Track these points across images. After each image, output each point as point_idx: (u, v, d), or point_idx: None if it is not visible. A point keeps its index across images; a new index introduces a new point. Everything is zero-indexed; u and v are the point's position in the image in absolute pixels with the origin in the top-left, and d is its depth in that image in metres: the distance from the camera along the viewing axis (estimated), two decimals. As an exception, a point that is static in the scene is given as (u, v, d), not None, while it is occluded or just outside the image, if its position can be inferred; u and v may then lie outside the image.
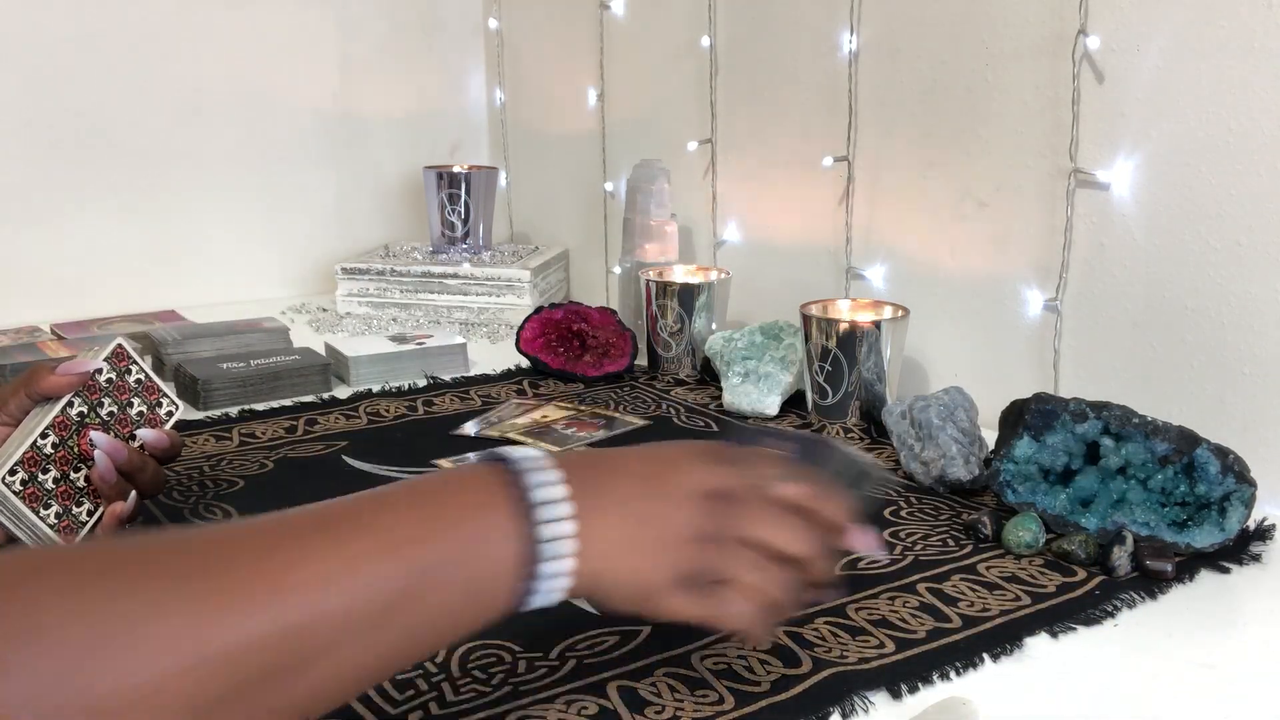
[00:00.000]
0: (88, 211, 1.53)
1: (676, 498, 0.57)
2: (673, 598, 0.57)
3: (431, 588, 0.50)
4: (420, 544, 0.50)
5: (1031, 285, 1.07)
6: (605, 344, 1.26)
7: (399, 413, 1.14)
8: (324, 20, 1.68)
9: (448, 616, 0.51)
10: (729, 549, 0.58)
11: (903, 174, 1.18)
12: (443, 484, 0.54)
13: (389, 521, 0.50)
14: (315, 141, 1.70)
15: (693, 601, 0.57)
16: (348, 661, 0.47)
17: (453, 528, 0.51)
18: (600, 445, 1.05)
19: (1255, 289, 0.90)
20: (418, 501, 0.52)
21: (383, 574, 0.48)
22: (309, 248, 1.72)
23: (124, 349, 0.87)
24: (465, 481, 0.54)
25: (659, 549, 0.56)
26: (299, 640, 0.45)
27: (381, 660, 0.49)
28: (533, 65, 1.73)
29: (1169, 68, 0.94)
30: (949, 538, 0.84)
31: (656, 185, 1.37)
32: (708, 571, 0.57)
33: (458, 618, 0.52)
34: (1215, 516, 0.80)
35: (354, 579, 0.47)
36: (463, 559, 0.51)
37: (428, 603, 0.50)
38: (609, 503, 0.55)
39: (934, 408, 0.94)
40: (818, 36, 1.24)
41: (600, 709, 0.62)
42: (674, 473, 0.58)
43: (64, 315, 1.48)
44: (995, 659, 0.68)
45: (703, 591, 0.57)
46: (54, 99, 1.49)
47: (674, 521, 0.57)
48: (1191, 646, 0.70)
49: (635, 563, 0.55)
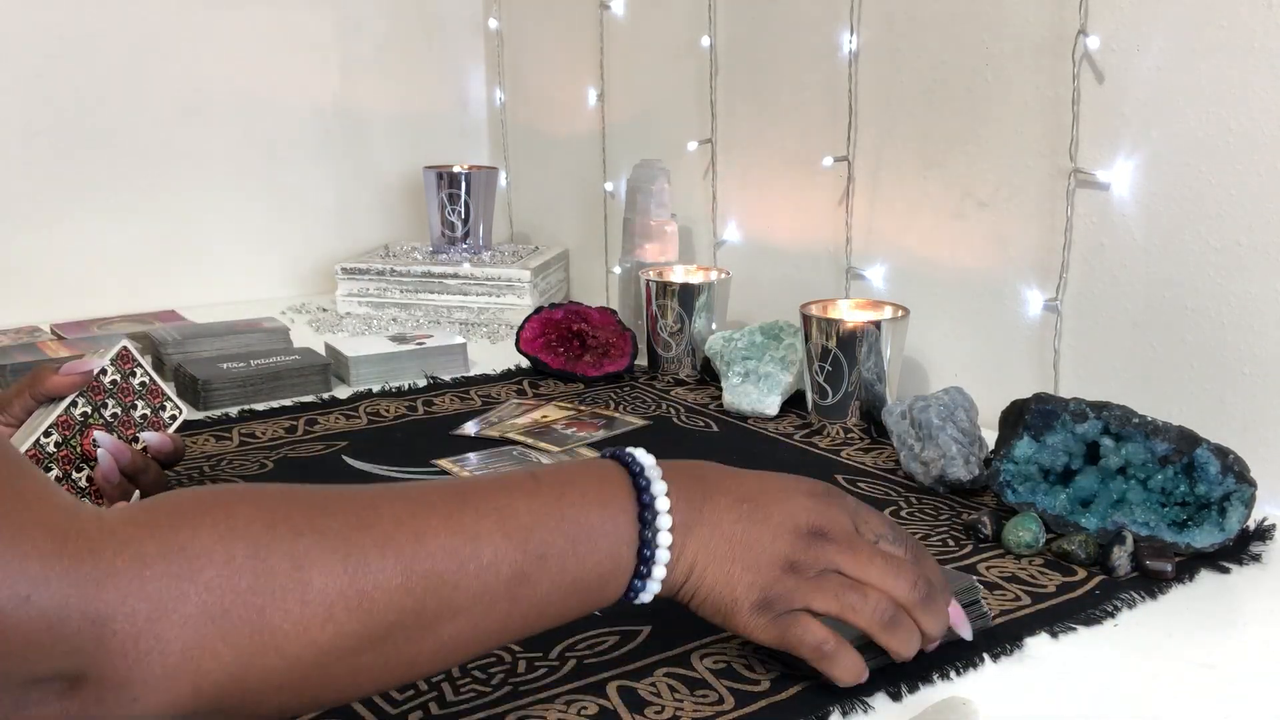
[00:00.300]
0: (88, 211, 1.53)
1: (771, 525, 0.61)
2: (753, 617, 0.61)
3: (547, 573, 0.55)
4: (541, 531, 0.55)
5: (1031, 285, 1.07)
6: (605, 344, 1.26)
7: (399, 413, 1.14)
8: (324, 20, 1.68)
9: (556, 602, 0.56)
10: (814, 579, 0.61)
11: (903, 174, 1.18)
12: (570, 476, 0.59)
13: (518, 507, 0.55)
14: (315, 141, 1.70)
15: (771, 624, 0.61)
16: (468, 626, 0.53)
17: (572, 522, 0.56)
18: (600, 445, 1.05)
19: (1255, 289, 0.90)
20: (544, 490, 0.57)
21: (503, 555, 0.54)
22: (309, 248, 1.72)
23: (129, 351, 0.87)
24: (591, 475, 0.59)
25: (745, 570, 0.60)
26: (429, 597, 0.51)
27: (495, 632, 0.55)
28: (533, 65, 1.73)
29: (1169, 68, 0.94)
30: (949, 538, 0.84)
31: (656, 185, 1.37)
32: (791, 597, 0.61)
33: (565, 604, 0.57)
34: (1215, 516, 0.80)
35: (477, 556, 0.53)
36: (577, 551, 0.56)
37: (541, 586, 0.55)
38: (704, 519, 0.60)
39: (934, 408, 0.94)
40: (818, 36, 1.24)
41: (600, 709, 0.62)
42: (775, 503, 0.62)
43: (64, 315, 1.48)
44: (995, 659, 0.68)
45: (785, 617, 0.61)
46: (54, 99, 1.49)
47: (765, 547, 0.61)
48: (1191, 646, 0.70)
49: (721, 580, 0.60)
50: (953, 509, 0.90)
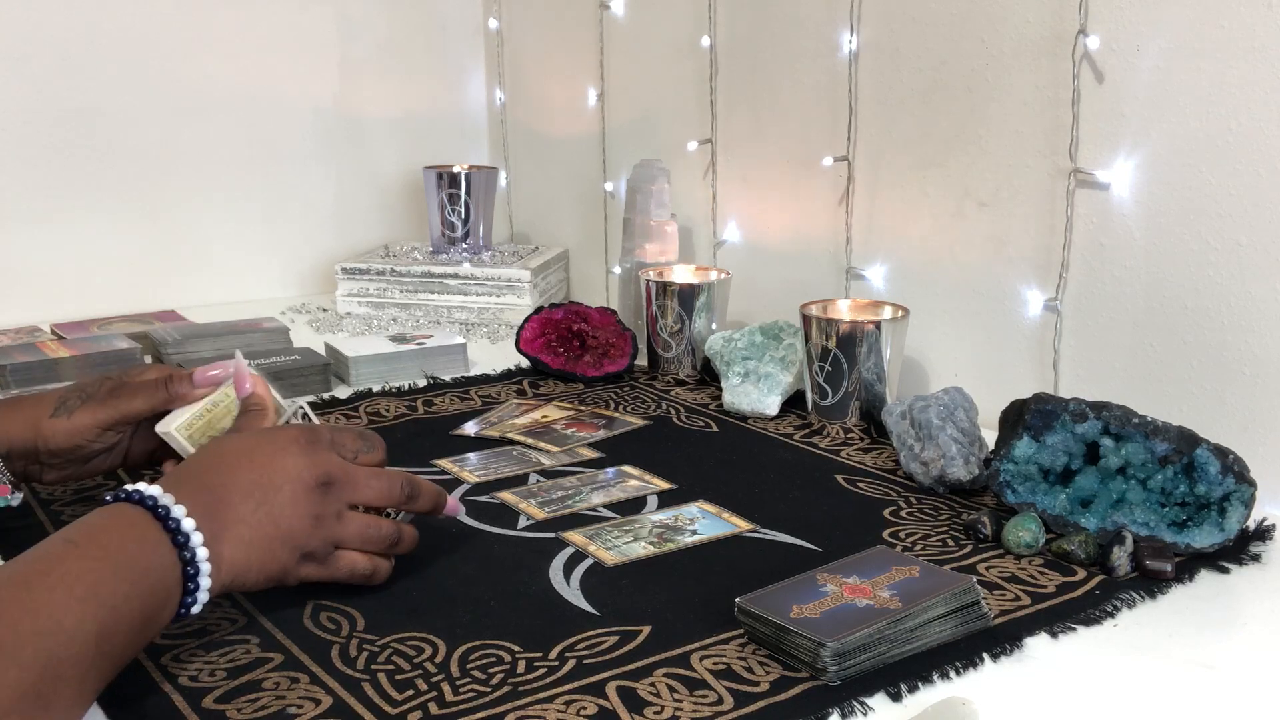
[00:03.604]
0: (88, 211, 1.53)
1: (285, 497, 0.70)
2: (303, 570, 0.71)
3: (121, 620, 0.60)
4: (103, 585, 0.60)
5: (1031, 285, 1.07)
6: (605, 344, 1.26)
7: (399, 413, 1.14)
8: (324, 20, 1.68)
9: (134, 643, 0.62)
10: (338, 520, 0.72)
11: (903, 174, 1.18)
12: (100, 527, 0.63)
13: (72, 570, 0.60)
14: (315, 142, 1.70)
15: (318, 568, 0.72)
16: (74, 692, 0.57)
17: (125, 567, 0.61)
18: (600, 445, 1.05)
19: (1255, 289, 0.90)
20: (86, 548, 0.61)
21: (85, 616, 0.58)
22: (309, 248, 1.72)
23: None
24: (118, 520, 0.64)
25: (280, 543, 0.69)
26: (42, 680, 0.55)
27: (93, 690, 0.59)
28: (533, 65, 1.73)
29: (1169, 68, 0.94)
30: (949, 538, 0.84)
31: (656, 185, 1.37)
32: (326, 543, 0.72)
33: (139, 641, 0.62)
34: (1215, 516, 0.80)
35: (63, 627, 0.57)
36: (138, 592, 0.61)
37: (120, 633, 0.60)
38: (228, 522, 0.67)
39: (934, 408, 0.94)
40: (818, 36, 1.24)
41: (600, 709, 0.62)
42: (279, 477, 0.70)
43: (64, 315, 1.48)
44: (995, 659, 0.68)
45: (326, 558, 0.72)
46: (54, 99, 1.49)
47: (290, 516, 0.70)
48: (1191, 646, 0.70)
49: (267, 560, 0.69)
50: (953, 509, 0.90)
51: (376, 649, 0.68)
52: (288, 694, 0.63)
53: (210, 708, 0.62)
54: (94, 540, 0.62)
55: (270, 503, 0.69)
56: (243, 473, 0.70)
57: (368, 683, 0.64)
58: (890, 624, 0.66)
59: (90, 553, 0.61)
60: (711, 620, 0.71)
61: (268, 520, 0.69)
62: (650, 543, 0.83)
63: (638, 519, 0.88)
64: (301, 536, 0.70)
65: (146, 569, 0.62)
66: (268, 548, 0.69)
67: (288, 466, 0.70)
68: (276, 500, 0.69)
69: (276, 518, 0.69)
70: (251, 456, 0.71)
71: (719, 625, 0.71)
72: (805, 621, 0.66)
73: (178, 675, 0.65)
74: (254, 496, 0.69)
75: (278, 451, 0.71)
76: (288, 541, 0.70)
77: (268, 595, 0.74)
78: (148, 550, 0.63)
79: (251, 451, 0.71)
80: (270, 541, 0.69)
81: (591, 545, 0.83)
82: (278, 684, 0.64)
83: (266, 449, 0.72)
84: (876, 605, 0.67)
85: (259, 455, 0.71)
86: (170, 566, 0.64)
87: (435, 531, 0.85)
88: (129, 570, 0.61)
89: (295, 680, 0.65)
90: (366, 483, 0.74)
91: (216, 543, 0.66)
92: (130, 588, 0.61)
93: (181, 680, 0.65)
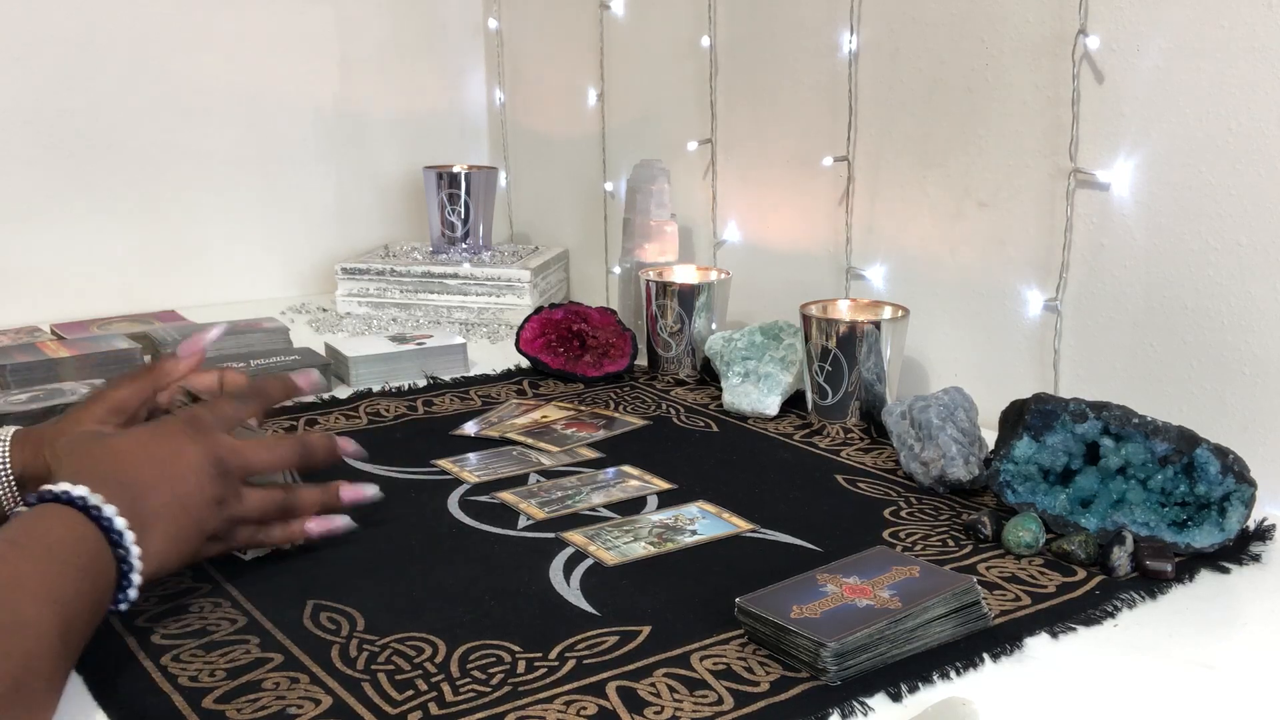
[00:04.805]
0: (88, 211, 1.53)
1: (191, 485, 0.73)
2: (212, 548, 0.76)
3: (79, 613, 0.63)
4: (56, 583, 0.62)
5: (1031, 285, 1.07)
6: (605, 344, 1.26)
7: (399, 413, 1.14)
8: (324, 20, 1.67)
9: (89, 629, 0.64)
10: (238, 500, 0.76)
11: (903, 174, 1.18)
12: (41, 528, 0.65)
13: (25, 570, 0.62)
14: (315, 141, 1.70)
15: (222, 545, 0.77)
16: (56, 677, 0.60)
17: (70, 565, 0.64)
18: (600, 445, 1.05)
19: (1255, 289, 0.90)
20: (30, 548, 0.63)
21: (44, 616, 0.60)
22: (309, 248, 1.72)
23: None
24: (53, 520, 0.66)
25: (192, 529, 0.73)
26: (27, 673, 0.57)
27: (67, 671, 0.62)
28: (533, 65, 1.73)
29: (1169, 68, 0.94)
30: (949, 538, 0.84)
31: (656, 185, 1.37)
32: (229, 523, 0.76)
33: (91, 629, 0.65)
34: (1215, 516, 0.80)
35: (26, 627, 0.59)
36: (84, 590, 0.64)
37: (78, 627, 0.63)
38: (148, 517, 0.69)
39: (934, 408, 0.94)
40: (818, 36, 1.24)
41: (600, 709, 0.62)
42: (179, 465, 0.73)
43: (64, 315, 1.48)
44: (995, 659, 0.68)
45: (227, 534, 0.77)
46: (54, 99, 1.48)
47: (196, 505, 0.73)
48: (1191, 646, 0.70)
49: (179, 548, 0.72)
50: (953, 509, 0.90)
51: (376, 649, 0.68)
52: (288, 694, 0.63)
53: (210, 708, 0.62)
54: (36, 540, 0.64)
55: (178, 494, 0.72)
56: (148, 468, 0.72)
57: (368, 683, 0.64)
58: (890, 624, 0.66)
59: (35, 553, 0.63)
60: (711, 620, 0.71)
61: (180, 511, 0.72)
62: (650, 543, 0.83)
63: (638, 519, 0.88)
64: (211, 521, 0.74)
65: (88, 567, 0.65)
66: (183, 536, 0.72)
67: (186, 456, 0.73)
68: (183, 490, 0.72)
69: (187, 507, 0.72)
70: (150, 451, 0.73)
71: (719, 625, 0.71)
72: (805, 622, 0.66)
73: (178, 675, 0.65)
74: (164, 490, 0.71)
75: (171, 443, 0.74)
76: (198, 527, 0.73)
77: (268, 595, 0.74)
78: (88, 549, 0.65)
79: (148, 446, 0.74)
80: (185, 530, 0.72)
81: (591, 545, 0.83)
82: (278, 684, 0.64)
83: (162, 442, 0.74)
84: (877, 605, 0.67)
85: (156, 450, 0.73)
86: (107, 563, 0.66)
87: (435, 532, 0.85)
88: (74, 569, 0.64)
89: (295, 680, 0.65)
90: (257, 455, 0.77)
91: (142, 537, 0.68)
92: (78, 585, 0.63)
93: (181, 680, 0.65)
